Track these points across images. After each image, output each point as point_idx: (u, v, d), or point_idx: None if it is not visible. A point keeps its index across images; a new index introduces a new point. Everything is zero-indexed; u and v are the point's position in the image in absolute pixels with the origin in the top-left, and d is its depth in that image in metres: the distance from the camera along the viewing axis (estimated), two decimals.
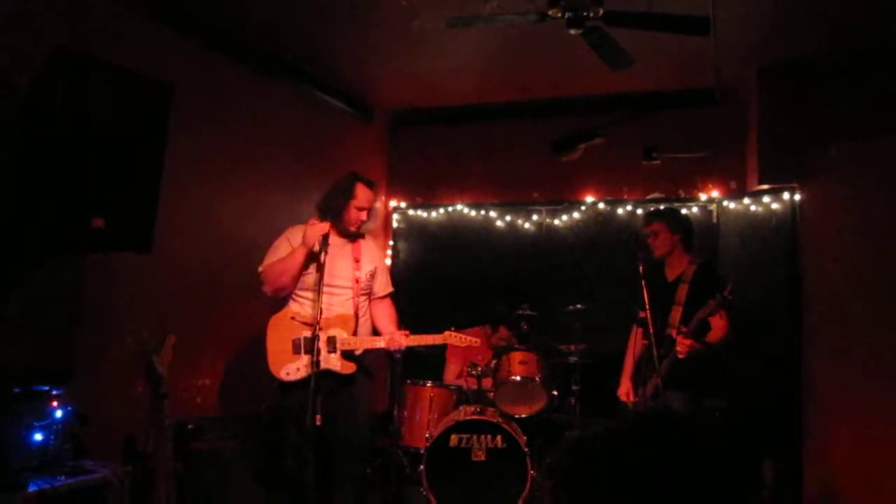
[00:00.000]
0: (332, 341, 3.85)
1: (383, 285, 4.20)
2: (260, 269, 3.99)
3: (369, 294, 4.14)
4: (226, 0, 4.38)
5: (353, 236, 4.07)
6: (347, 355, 3.89)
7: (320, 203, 4.06)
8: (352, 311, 3.95)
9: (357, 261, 4.04)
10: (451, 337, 4.09)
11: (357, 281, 4.00)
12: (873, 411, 4.54)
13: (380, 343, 3.97)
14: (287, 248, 3.96)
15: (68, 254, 3.65)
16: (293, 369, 3.82)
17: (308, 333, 3.78)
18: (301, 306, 3.95)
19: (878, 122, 4.86)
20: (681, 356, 3.81)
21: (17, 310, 3.44)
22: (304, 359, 3.77)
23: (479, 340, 4.16)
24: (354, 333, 3.93)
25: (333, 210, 3.98)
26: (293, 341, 3.85)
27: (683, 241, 4.23)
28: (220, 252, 4.48)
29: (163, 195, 3.52)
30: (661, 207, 4.50)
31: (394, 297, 4.27)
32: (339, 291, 3.95)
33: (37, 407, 3.19)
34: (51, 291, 3.67)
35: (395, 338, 3.95)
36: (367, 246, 4.17)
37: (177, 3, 4.32)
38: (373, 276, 4.10)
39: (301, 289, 3.95)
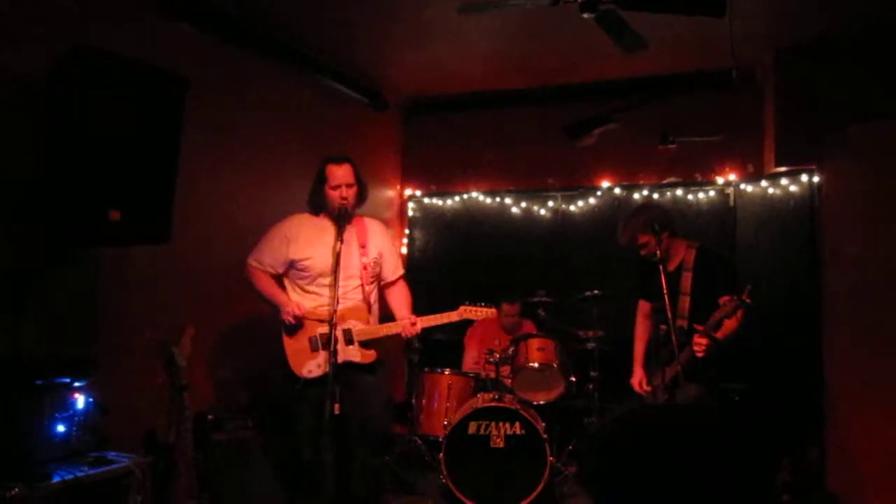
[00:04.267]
0: (348, 333, 3.83)
1: (392, 269, 4.12)
2: (250, 261, 3.95)
3: (378, 280, 4.08)
4: None
5: (345, 219, 3.83)
6: (366, 344, 3.88)
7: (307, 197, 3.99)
8: (362, 300, 3.92)
9: (363, 247, 3.96)
10: (466, 312, 3.99)
11: (365, 268, 3.93)
12: None
13: (396, 329, 3.94)
14: (281, 245, 3.89)
15: (87, 247, 3.67)
16: (314, 366, 3.81)
17: (322, 329, 3.78)
18: (308, 301, 3.90)
19: None
20: (700, 356, 3.79)
21: (38, 303, 3.47)
22: (323, 355, 3.75)
23: (494, 312, 4.06)
24: (368, 322, 3.92)
25: (315, 199, 3.93)
26: (310, 339, 3.84)
27: (671, 233, 4.10)
28: (237, 242, 4.48)
29: (179, 187, 3.54)
30: (630, 218, 4.20)
31: (407, 279, 4.21)
32: (347, 282, 3.86)
33: (59, 399, 3.23)
34: (71, 285, 3.70)
35: (407, 325, 3.91)
36: (373, 230, 4.06)
37: None
38: (378, 261, 4.02)
39: (307, 282, 3.90)
